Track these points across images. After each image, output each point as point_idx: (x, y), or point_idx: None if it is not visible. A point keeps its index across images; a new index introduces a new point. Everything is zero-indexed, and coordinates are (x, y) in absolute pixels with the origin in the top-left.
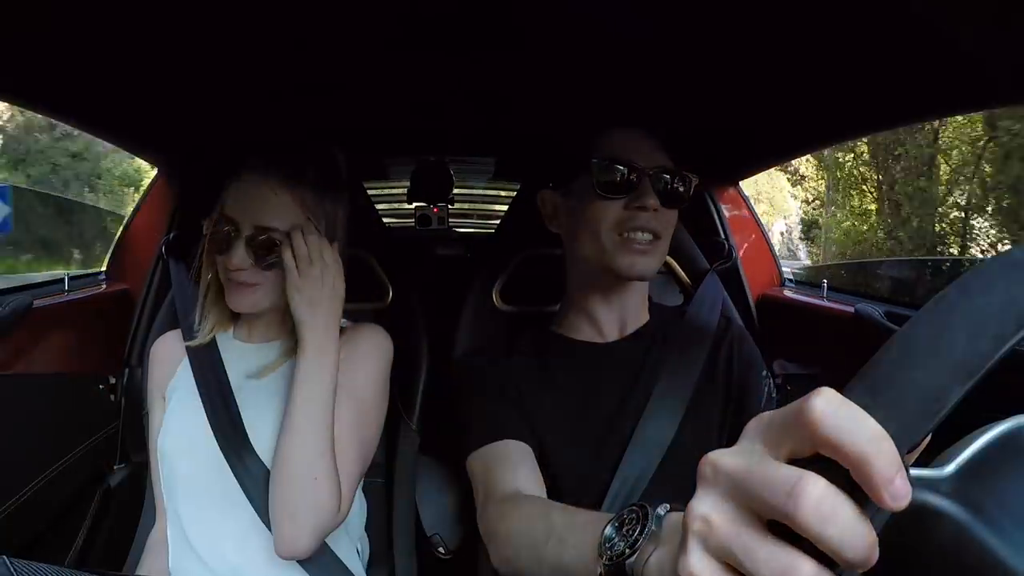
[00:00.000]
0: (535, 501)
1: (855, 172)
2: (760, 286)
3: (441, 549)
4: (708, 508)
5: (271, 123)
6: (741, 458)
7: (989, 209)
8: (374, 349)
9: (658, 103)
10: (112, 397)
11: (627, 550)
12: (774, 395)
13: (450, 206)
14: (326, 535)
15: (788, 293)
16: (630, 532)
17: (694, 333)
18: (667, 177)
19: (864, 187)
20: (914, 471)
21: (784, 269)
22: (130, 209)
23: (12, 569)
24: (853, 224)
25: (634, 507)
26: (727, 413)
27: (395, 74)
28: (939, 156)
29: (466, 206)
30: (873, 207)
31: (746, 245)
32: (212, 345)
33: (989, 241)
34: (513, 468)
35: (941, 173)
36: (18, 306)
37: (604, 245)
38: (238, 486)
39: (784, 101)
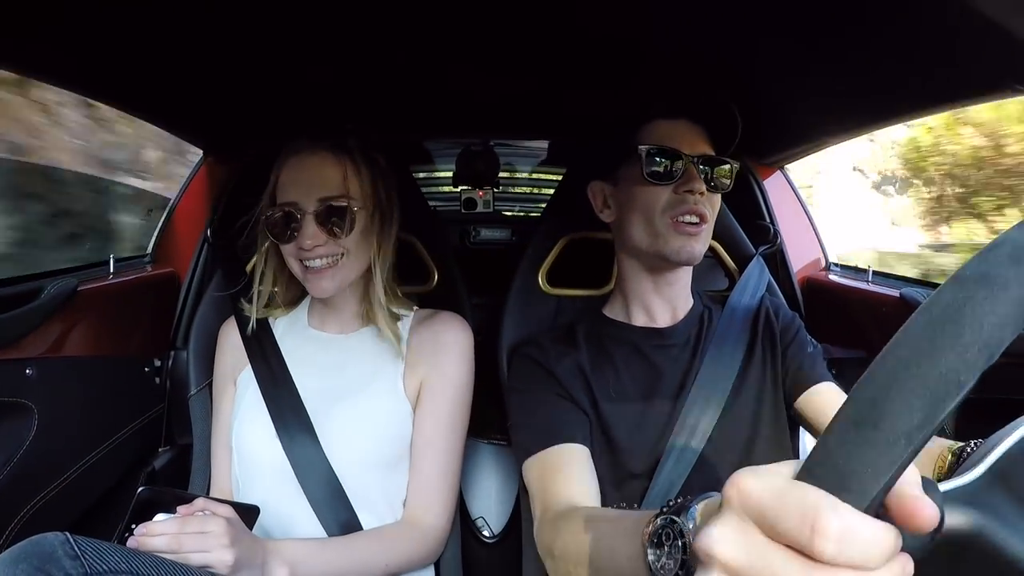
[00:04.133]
0: (583, 513)
1: None
2: (805, 270)
3: (486, 532)
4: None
5: (315, 107)
6: (738, 549)
7: None
8: (457, 344)
9: (705, 86)
10: (157, 380)
11: (679, 571)
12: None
13: (495, 189)
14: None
15: (833, 277)
16: (673, 550)
17: (735, 317)
18: (710, 163)
19: None
20: (942, 485)
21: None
22: None
23: (76, 545)
24: None
25: (666, 517)
26: (777, 387)
27: (441, 58)
28: None
29: (512, 190)
30: None
31: (792, 229)
32: (268, 332)
33: None
34: (566, 479)
35: None
36: (63, 289)
37: (657, 228)
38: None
39: (832, 84)
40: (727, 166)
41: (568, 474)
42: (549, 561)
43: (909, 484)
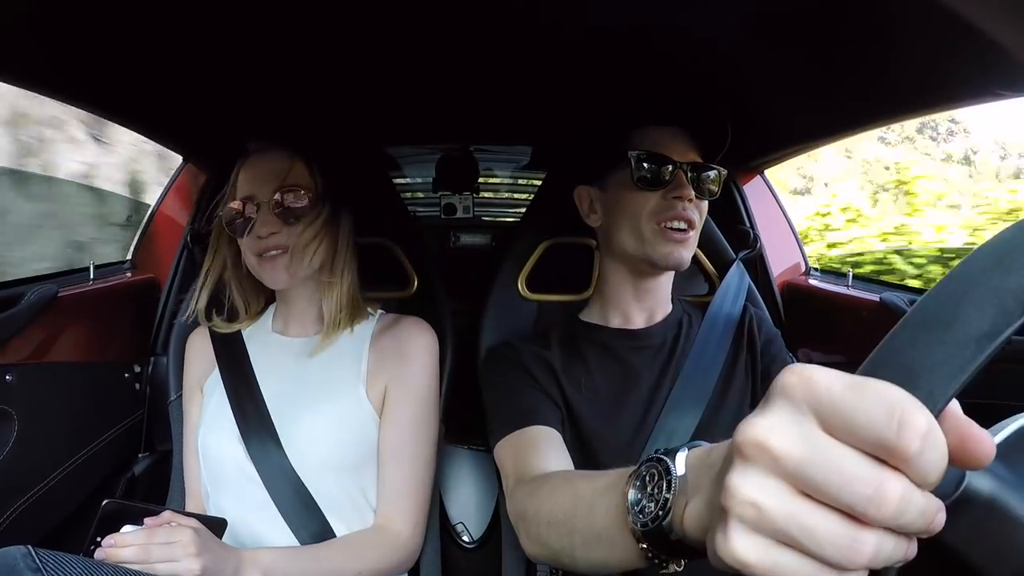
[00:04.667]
0: (559, 474)
1: None
2: (785, 275)
3: (465, 538)
4: (755, 491)
5: (294, 112)
6: (797, 441)
7: None
8: (422, 351)
9: (685, 92)
10: (137, 386)
11: (659, 512)
12: None
13: (475, 195)
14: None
15: (813, 282)
16: (656, 490)
17: (718, 323)
18: (699, 170)
19: None
20: None
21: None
22: None
23: (37, 559)
24: None
25: (652, 461)
26: (756, 398)
27: (421, 62)
28: None
29: (490, 195)
30: None
31: (772, 233)
32: (237, 339)
33: None
34: (542, 452)
35: None
36: (44, 295)
37: (644, 234)
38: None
39: (812, 88)
40: (715, 173)
41: (543, 451)
42: (521, 524)
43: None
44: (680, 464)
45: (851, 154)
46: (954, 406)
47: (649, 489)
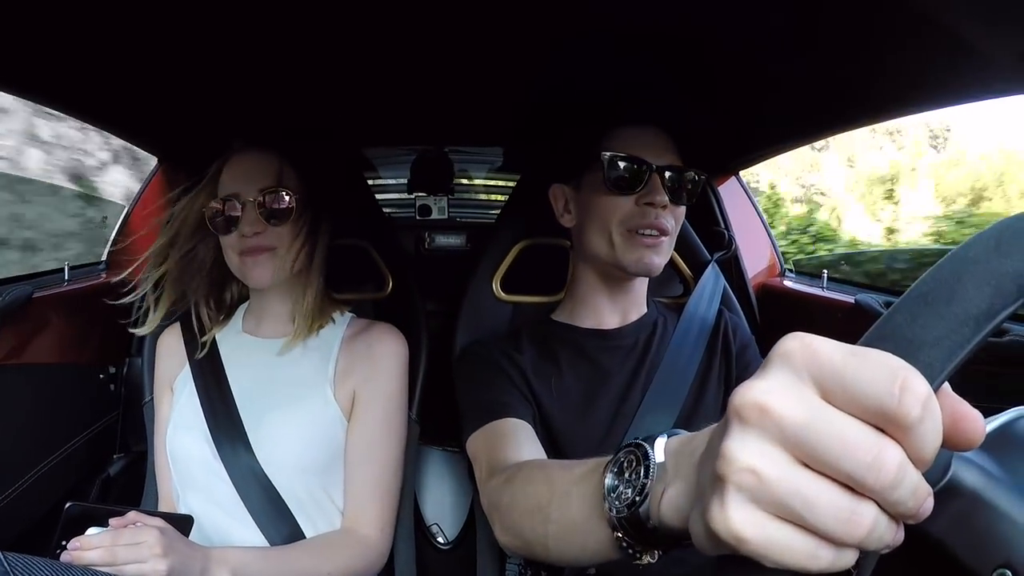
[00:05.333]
0: (534, 463)
1: None
2: (761, 276)
3: (440, 539)
4: (755, 457)
5: (270, 113)
6: (797, 405)
7: None
8: (391, 357)
9: (660, 93)
10: (112, 387)
11: (636, 497)
12: None
13: (450, 196)
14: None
15: (788, 283)
16: (633, 476)
17: (693, 325)
18: (676, 174)
19: None
20: None
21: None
22: None
23: (5, 562)
24: None
25: (631, 447)
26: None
27: (396, 63)
28: None
29: (467, 196)
30: None
31: (746, 235)
32: (212, 346)
33: None
34: (515, 443)
35: None
36: (18, 296)
37: (613, 240)
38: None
39: (784, 90)
40: (694, 177)
41: (516, 441)
42: (495, 514)
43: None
44: (659, 450)
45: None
46: (947, 385)
47: (627, 475)
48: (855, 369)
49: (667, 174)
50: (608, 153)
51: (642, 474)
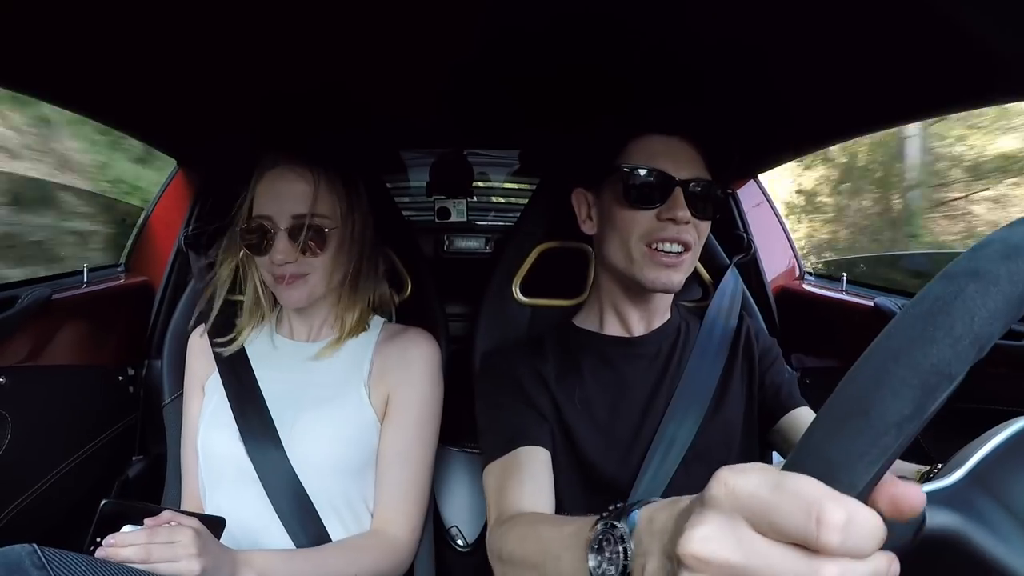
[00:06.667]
0: (528, 519)
1: None
2: (780, 279)
3: (460, 542)
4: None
5: (288, 116)
6: (734, 548)
7: None
8: (425, 360)
9: (682, 95)
10: (131, 389)
11: None
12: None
13: (470, 199)
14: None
15: (807, 287)
16: (613, 555)
17: (714, 330)
18: (701, 188)
19: None
20: (924, 487)
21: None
22: None
23: (42, 556)
24: None
25: (607, 525)
26: (752, 406)
27: (416, 66)
28: None
29: (486, 199)
30: None
31: (766, 238)
32: (239, 349)
33: None
34: (520, 483)
35: None
36: (37, 298)
37: (632, 255)
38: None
39: (804, 94)
40: (719, 192)
41: (522, 479)
42: (498, 565)
43: (889, 475)
44: (632, 531)
45: None
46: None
47: (607, 554)
48: (776, 505)
49: (692, 187)
50: (628, 167)
51: (621, 555)
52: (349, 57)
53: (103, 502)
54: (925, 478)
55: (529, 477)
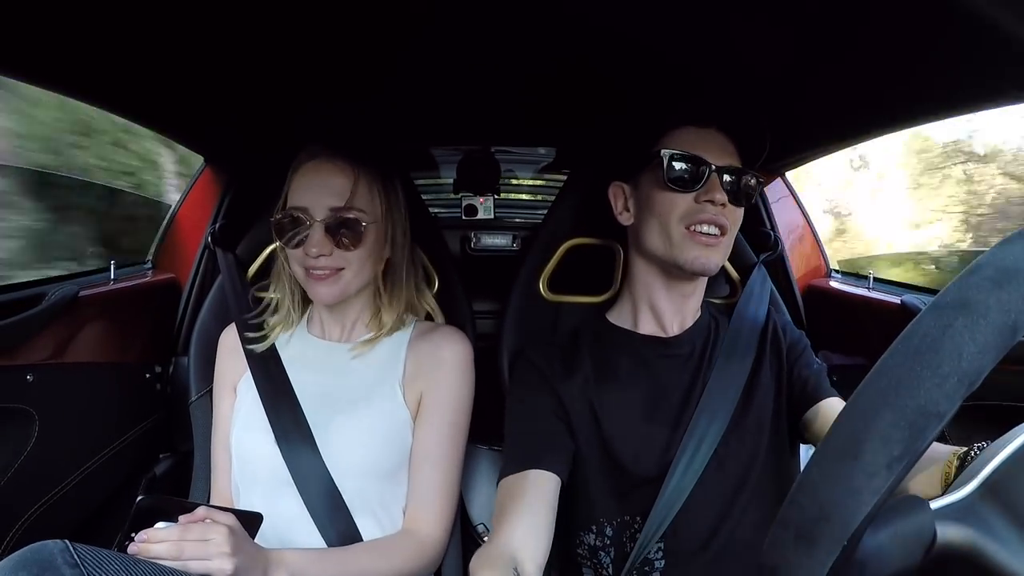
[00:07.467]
0: None
1: None
2: (806, 277)
3: (487, 539)
4: None
5: (317, 114)
6: None
7: None
8: (458, 359)
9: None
10: (158, 386)
11: None
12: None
13: (496, 196)
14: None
15: (834, 284)
16: None
17: (743, 326)
18: (735, 176)
19: None
20: (934, 502)
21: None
22: None
23: (75, 553)
24: None
25: None
26: (781, 400)
27: (444, 63)
28: None
29: (512, 196)
30: None
31: (792, 236)
32: (271, 349)
33: None
34: (519, 516)
35: None
36: (64, 295)
37: (672, 237)
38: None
39: (835, 88)
40: (753, 180)
41: (520, 511)
42: None
43: None
44: None
45: None
46: None
47: None
48: None
49: (726, 176)
50: (668, 151)
51: None
52: (377, 54)
53: (139, 498)
54: (963, 460)
55: (527, 510)
